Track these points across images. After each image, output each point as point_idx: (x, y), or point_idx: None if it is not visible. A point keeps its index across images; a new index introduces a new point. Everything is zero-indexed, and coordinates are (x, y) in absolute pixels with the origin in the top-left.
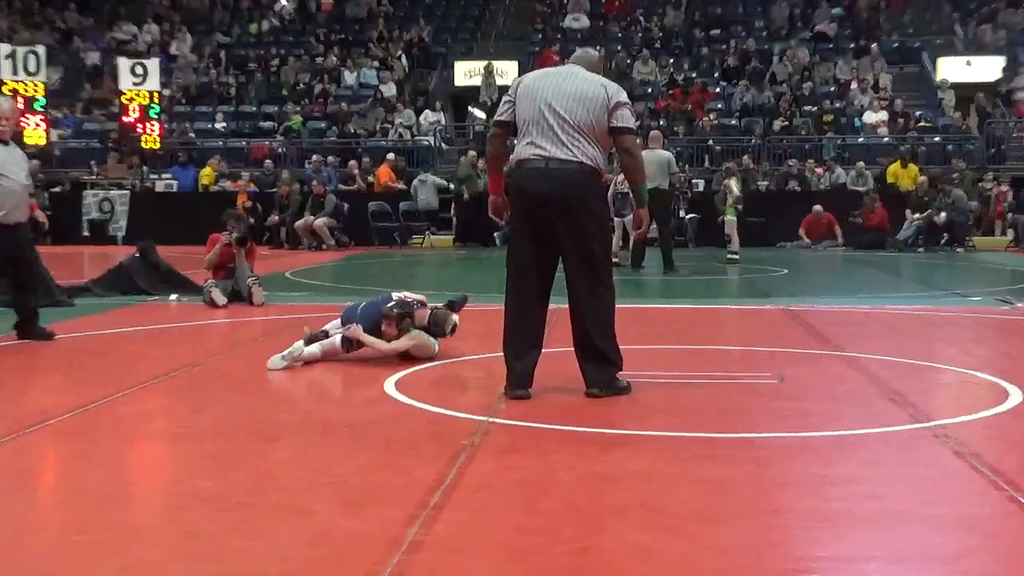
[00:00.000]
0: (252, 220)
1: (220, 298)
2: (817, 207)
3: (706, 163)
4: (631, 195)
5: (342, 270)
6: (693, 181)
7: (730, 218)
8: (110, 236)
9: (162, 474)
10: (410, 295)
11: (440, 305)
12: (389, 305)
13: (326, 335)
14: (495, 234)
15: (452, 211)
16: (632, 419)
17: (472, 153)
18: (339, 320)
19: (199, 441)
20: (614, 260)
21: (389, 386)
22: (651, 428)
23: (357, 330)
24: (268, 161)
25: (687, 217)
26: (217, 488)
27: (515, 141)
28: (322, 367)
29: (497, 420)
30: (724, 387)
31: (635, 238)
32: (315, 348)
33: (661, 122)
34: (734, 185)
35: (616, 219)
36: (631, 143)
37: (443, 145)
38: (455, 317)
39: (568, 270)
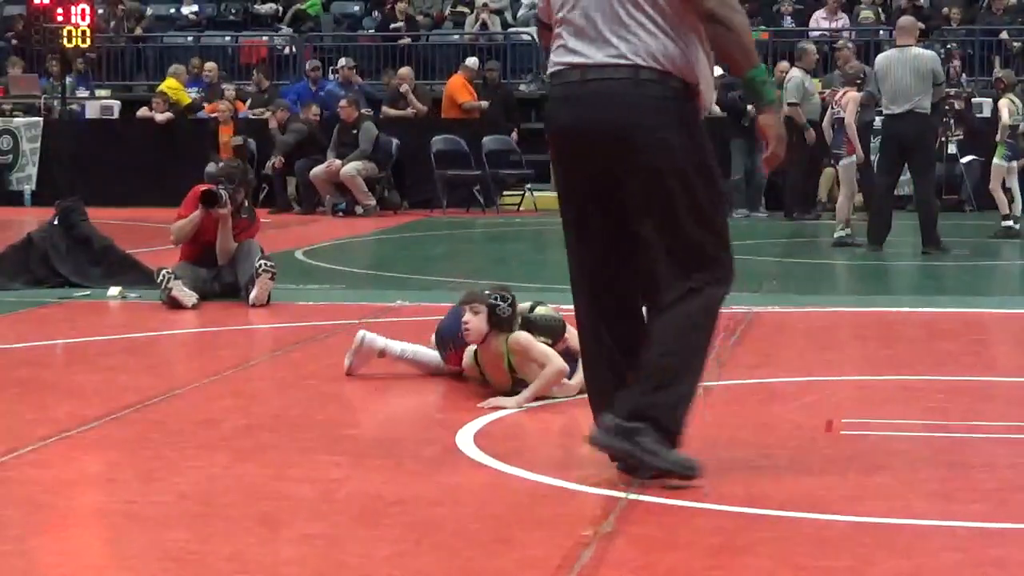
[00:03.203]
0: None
1: (186, 296)
2: None
3: (996, 69)
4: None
5: (387, 250)
6: (973, 100)
7: (998, 163)
8: (12, 191)
9: None
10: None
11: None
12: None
13: None
14: None
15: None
16: (871, 497)
17: None
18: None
19: (155, 527)
20: (842, 233)
21: (465, 439)
22: (904, 512)
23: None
24: (255, 75)
25: (964, 160)
26: None
27: None
28: (369, 402)
29: (643, 497)
30: None
31: (844, 193)
32: (400, 347)
33: (919, 0)
34: (1005, 108)
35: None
36: (722, 0)
37: None
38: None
39: (641, 260)
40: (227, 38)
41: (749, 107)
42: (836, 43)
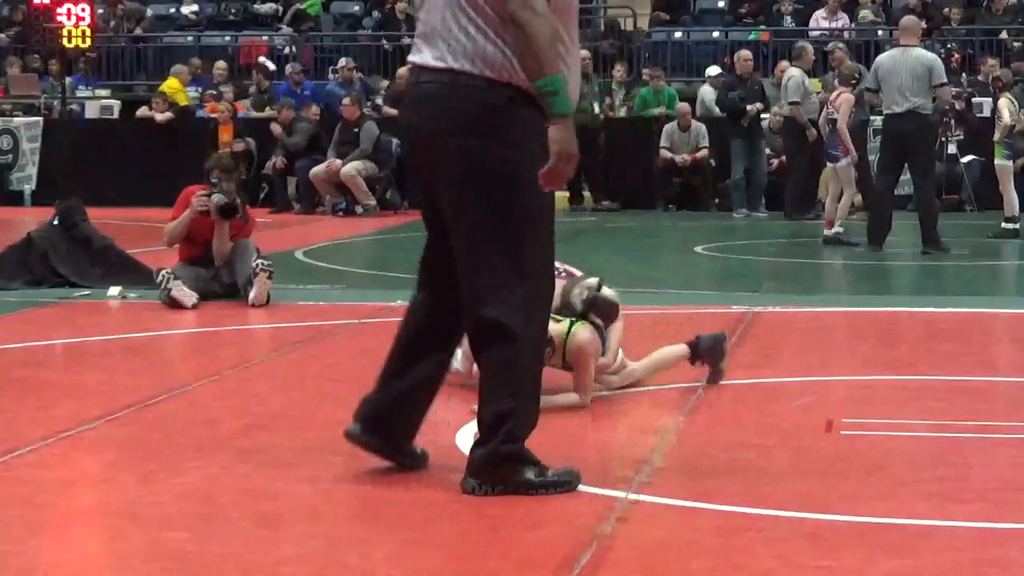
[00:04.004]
0: (247, 169)
1: (186, 296)
2: None
3: (997, 68)
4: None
5: (387, 250)
6: (974, 100)
7: (1001, 163)
8: (12, 191)
9: None
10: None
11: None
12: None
13: None
14: None
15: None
16: (871, 497)
17: (583, 53)
18: None
19: (155, 527)
20: (833, 231)
21: (465, 439)
22: (904, 512)
23: None
24: (259, 71)
25: (964, 160)
26: None
27: None
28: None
29: (643, 497)
30: None
31: (847, 192)
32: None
33: None
34: (1005, 108)
35: (829, 164)
36: (522, 2)
37: None
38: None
39: (458, 268)
40: (227, 38)
41: (748, 108)
42: (828, 44)
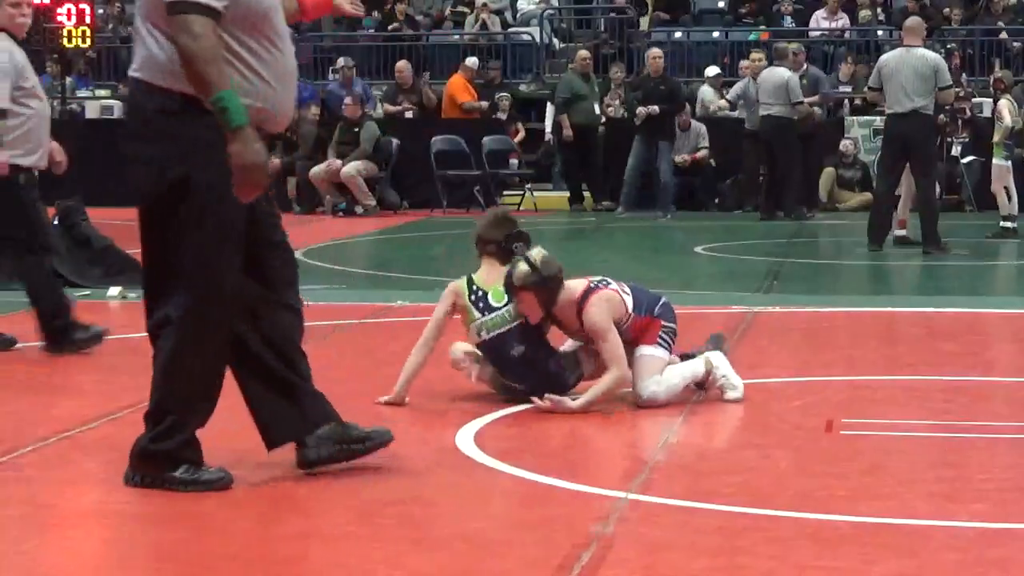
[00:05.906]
0: None
1: None
2: None
3: (997, 69)
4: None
5: (387, 250)
6: (975, 101)
7: (998, 162)
8: None
9: None
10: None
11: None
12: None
13: None
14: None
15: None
16: (871, 497)
17: (583, 53)
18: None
19: (154, 527)
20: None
21: (464, 439)
22: (904, 512)
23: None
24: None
25: (964, 161)
26: None
27: None
28: (368, 403)
29: (643, 497)
30: None
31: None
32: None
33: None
34: (1005, 109)
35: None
36: (180, 26)
37: (556, 42)
38: None
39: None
40: None
41: (639, 109)
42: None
